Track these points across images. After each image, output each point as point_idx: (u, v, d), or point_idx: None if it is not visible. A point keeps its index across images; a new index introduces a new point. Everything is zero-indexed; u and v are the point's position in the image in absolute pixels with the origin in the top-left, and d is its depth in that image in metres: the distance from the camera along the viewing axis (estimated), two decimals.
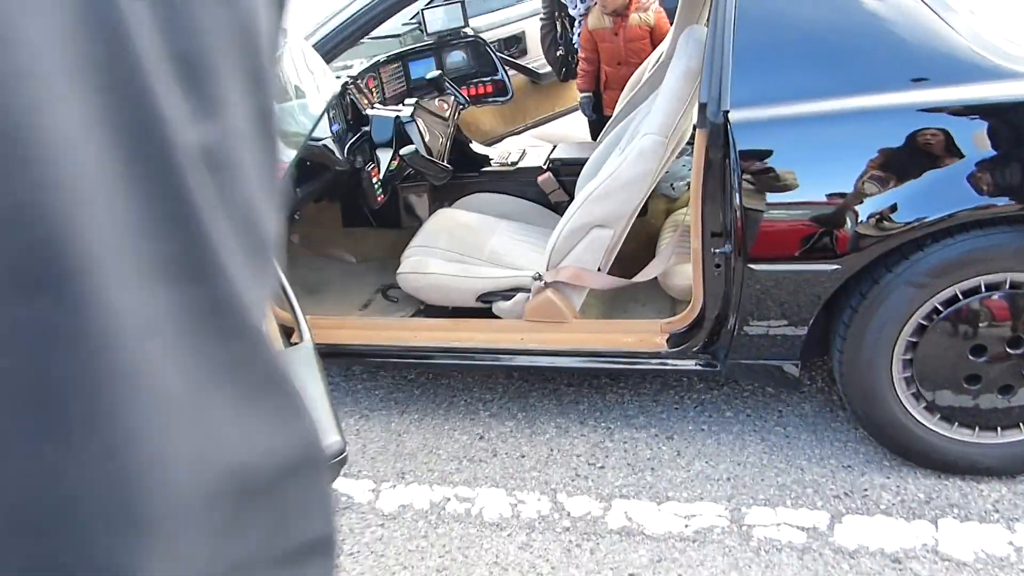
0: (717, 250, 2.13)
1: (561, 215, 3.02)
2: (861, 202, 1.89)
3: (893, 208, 1.88)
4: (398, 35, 3.56)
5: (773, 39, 1.97)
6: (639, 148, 2.25)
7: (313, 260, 3.36)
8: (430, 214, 3.18)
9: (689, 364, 2.33)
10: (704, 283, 2.24)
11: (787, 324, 2.12)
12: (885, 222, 1.89)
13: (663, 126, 2.23)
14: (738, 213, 2.00)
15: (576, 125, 5.49)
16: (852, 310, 2.00)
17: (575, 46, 3.93)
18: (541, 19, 4.03)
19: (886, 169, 1.89)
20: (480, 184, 3.20)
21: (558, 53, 3.98)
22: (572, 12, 3.82)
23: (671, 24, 3.09)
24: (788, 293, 2.06)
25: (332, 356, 2.67)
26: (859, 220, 1.89)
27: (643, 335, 2.41)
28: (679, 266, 2.52)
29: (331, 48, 2.33)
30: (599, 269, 2.46)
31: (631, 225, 2.42)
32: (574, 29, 3.90)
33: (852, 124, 1.90)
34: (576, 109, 4.74)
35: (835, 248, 1.93)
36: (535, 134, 3.73)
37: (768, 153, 1.95)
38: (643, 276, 2.46)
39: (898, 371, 2.04)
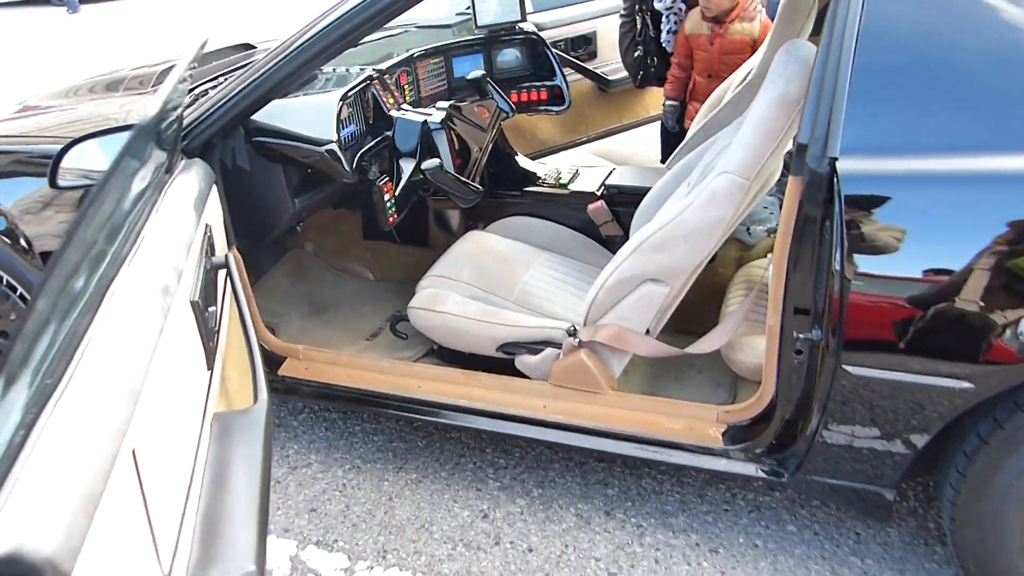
0: (801, 335, 1.64)
1: (612, 251, 2.56)
2: (1015, 301, 1.38)
3: None
4: (449, 24, 3.13)
5: (911, 66, 1.47)
6: (711, 189, 1.77)
7: (326, 273, 2.96)
8: (462, 233, 2.74)
9: (748, 468, 1.85)
10: (778, 372, 1.75)
11: (887, 440, 1.62)
12: None
13: (745, 165, 1.74)
14: (835, 291, 1.51)
15: (647, 140, 5.00)
16: (980, 440, 1.49)
17: (659, 46, 3.42)
18: (621, 15, 3.53)
19: None
20: (522, 206, 2.74)
21: (636, 55, 3.48)
22: (657, 5, 3.32)
23: None
24: (894, 405, 1.56)
25: (322, 398, 2.26)
26: (1009, 324, 1.38)
27: (694, 422, 1.93)
28: (749, 338, 2.03)
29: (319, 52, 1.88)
30: (647, 332, 1.99)
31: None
32: (662, 25, 3.39)
33: (1009, 192, 1.38)
34: (647, 122, 4.27)
35: (970, 357, 1.42)
36: (595, 150, 3.26)
37: (888, 218, 1.45)
38: (701, 347, 1.98)
39: None
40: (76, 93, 2.74)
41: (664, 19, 3.35)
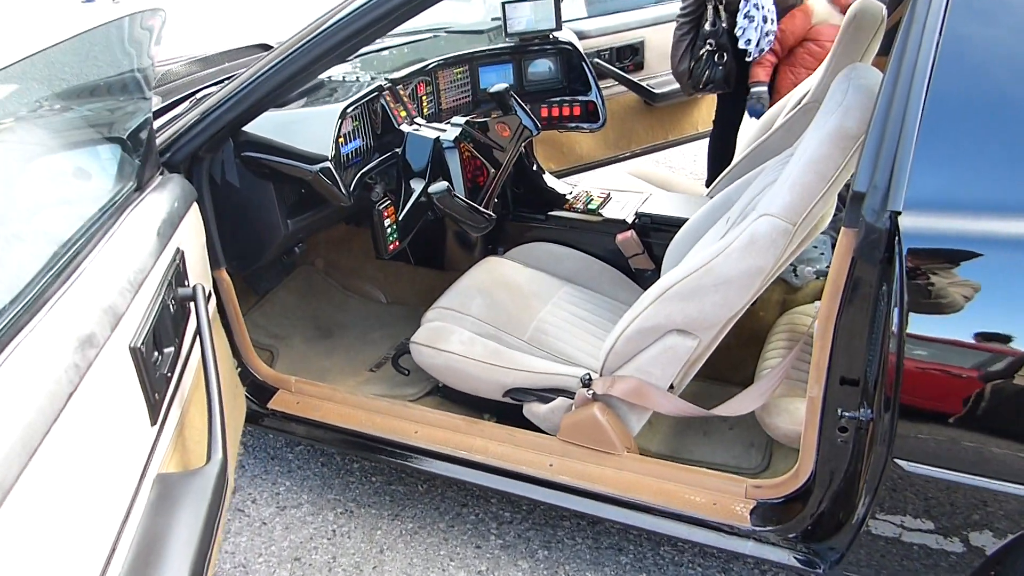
0: (847, 413, 1.39)
1: (642, 286, 2.32)
2: None
3: None
4: (482, 31, 2.92)
5: (998, 101, 1.21)
6: (751, 233, 1.52)
7: (335, 293, 2.78)
8: (481, 256, 2.53)
9: (778, 555, 1.60)
10: (818, 449, 1.50)
11: (949, 540, 1.36)
12: None
13: (790, 208, 1.49)
14: (890, 366, 1.26)
15: (695, 157, 4.73)
16: None
17: (733, 41, 3.18)
18: (680, 17, 3.27)
19: None
20: (545, 230, 2.51)
21: (702, 53, 3.20)
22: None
23: None
24: (959, 502, 1.30)
25: (313, 438, 2.07)
26: None
27: (719, 495, 1.69)
28: (787, 400, 1.78)
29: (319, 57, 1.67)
30: (671, 387, 1.75)
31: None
32: (737, 19, 3.15)
33: None
34: (695, 139, 4.00)
35: None
36: (634, 170, 3.02)
37: (961, 288, 1.20)
38: (732, 409, 1.73)
39: None
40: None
41: (743, 14, 3.10)
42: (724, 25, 3.19)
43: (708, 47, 3.21)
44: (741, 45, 3.13)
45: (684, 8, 3.27)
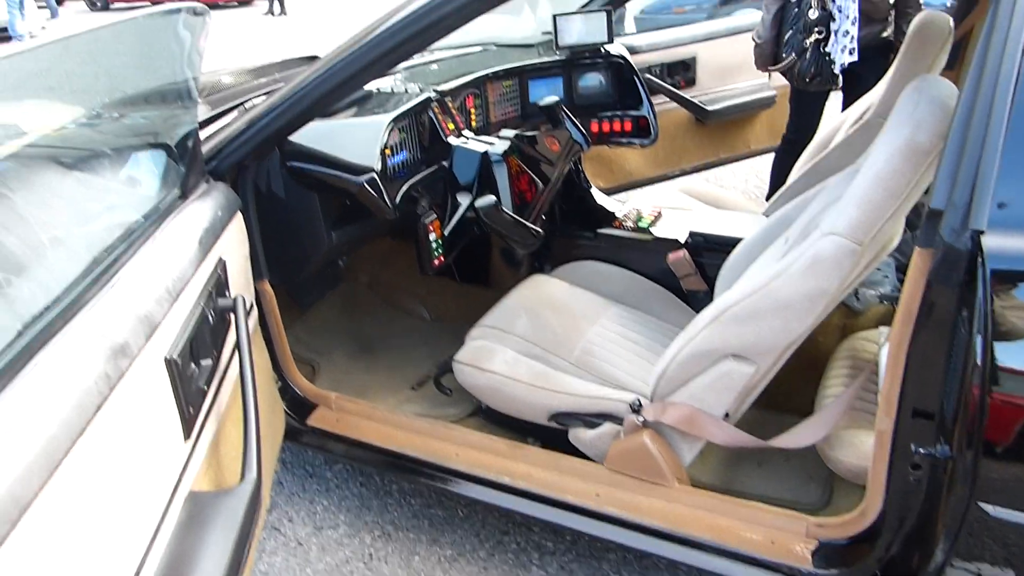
0: (921, 449, 1.29)
1: (695, 308, 2.23)
2: None
3: None
4: (532, 44, 2.88)
5: None
6: (814, 253, 1.43)
7: (379, 309, 2.74)
8: (527, 274, 2.46)
9: None
10: (888, 487, 1.40)
11: None
12: None
13: (857, 226, 1.40)
14: (972, 399, 1.16)
15: (747, 177, 4.62)
16: None
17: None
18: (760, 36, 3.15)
19: None
20: (595, 248, 2.44)
21: (808, 42, 3.04)
22: None
23: None
24: None
25: (352, 458, 2.01)
26: None
27: (777, 533, 1.59)
28: (851, 432, 1.67)
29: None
30: (726, 416, 1.66)
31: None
32: (833, 4, 2.97)
33: None
34: (748, 157, 3.91)
35: None
36: (686, 188, 2.93)
37: None
38: (790, 441, 1.63)
39: None
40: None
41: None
42: (829, 10, 2.99)
43: (817, 35, 3.02)
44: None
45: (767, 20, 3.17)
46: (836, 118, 2.54)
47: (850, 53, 2.98)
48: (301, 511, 2.19)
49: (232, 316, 1.49)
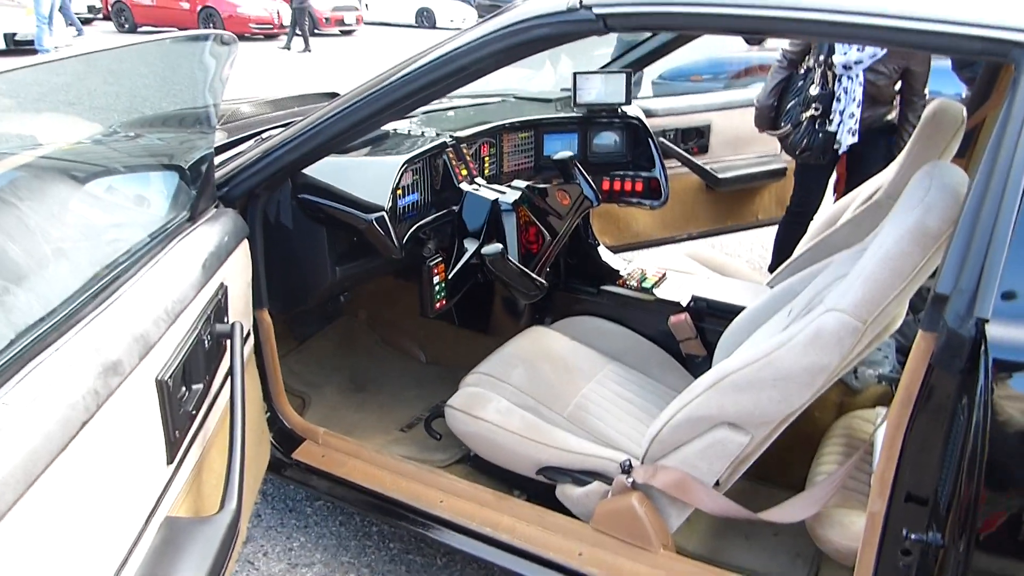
0: (913, 534, 1.26)
1: (692, 373, 2.22)
2: None
3: None
4: (551, 99, 2.92)
5: None
6: (816, 328, 1.43)
7: (375, 347, 2.73)
8: (527, 324, 2.46)
9: None
10: (876, 571, 1.37)
11: None
12: None
13: (861, 304, 1.40)
14: (967, 488, 1.14)
15: (751, 246, 4.65)
16: None
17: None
18: (780, 60, 3.18)
19: None
20: (596, 305, 2.44)
21: (806, 115, 3.07)
22: (842, 59, 2.94)
23: None
24: None
25: (335, 496, 1.98)
26: None
27: None
28: (842, 512, 1.65)
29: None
30: (716, 484, 1.64)
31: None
32: (839, 86, 3.00)
33: None
34: (755, 227, 3.93)
35: None
36: (692, 252, 2.94)
37: None
38: (780, 515, 1.61)
39: None
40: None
41: (854, 78, 2.97)
42: (832, 89, 3.04)
43: (813, 111, 3.07)
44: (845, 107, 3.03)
45: (788, 51, 3.20)
46: (846, 196, 2.56)
47: (852, 134, 3.02)
48: (277, 546, 2.15)
49: (228, 342, 1.48)
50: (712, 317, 2.26)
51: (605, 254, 2.58)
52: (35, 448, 0.86)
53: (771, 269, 3.34)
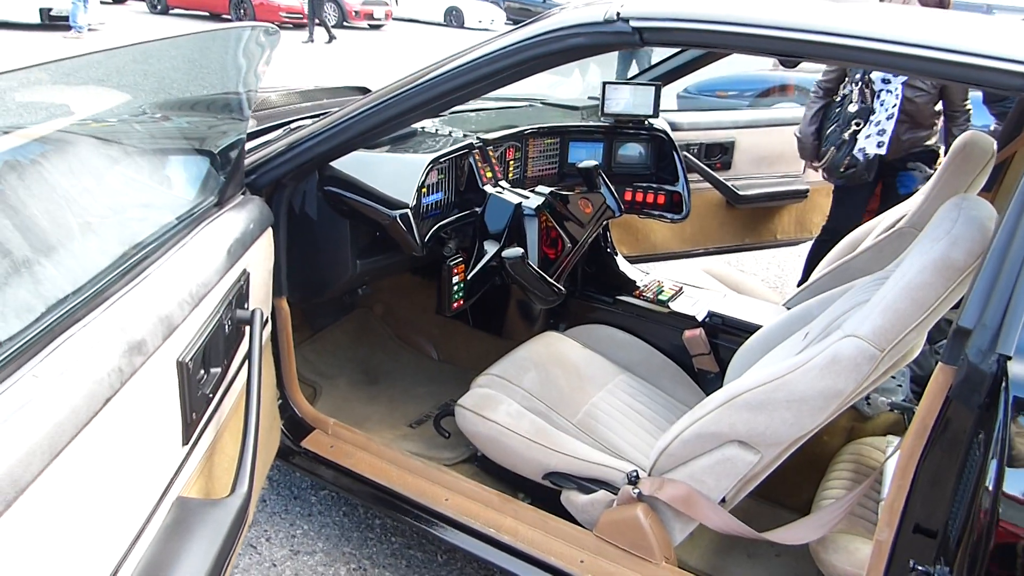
0: (920, 566, 1.26)
1: (704, 389, 2.22)
2: None
3: None
4: (578, 107, 2.92)
5: None
6: (833, 353, 1.43)
7: (389, 342, 2.74)
8: (540, 330, 2.46)
9: None
10: None
11: None
12: None
13: (881, 332, 1.40)
14: (979, 524, 1.14)
15: (768, 265, 4.64)
16: None
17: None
18: (817, 86, 3.17)
19: None
20: (610, 314, 2.44)
21: (845, 134, 3.05)
22: (884, 86, 2.94)
23: None
24: None
25: (341, 486, 1.99)
26: None
27: None
28: (847, 537, 1.64)
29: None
30: (723, 501, 1.64)
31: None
32: (877, 100, 2.99)
33: None
34: (773, 246, 3.93)
35: None
36: (709, 268, 2.94)
37: None
38: (785, 537, 1.60)
39: None
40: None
41: (893, 103, 2.94)
42: (871, 105, 3.01)
43: (855, 126, 3.03)
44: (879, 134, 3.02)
45: (823, 80, 3.20)
46: (867, 223, 2.55)
47: (878, 146, 2.98)
48: (280, 532, 2.16)
49: (248, 328, 1.49)
50: (727, 334, 2.26)
51: (623, 264, 2.58)
52: (61, 421, 0.88)
53: (800, 283, 3.33)
